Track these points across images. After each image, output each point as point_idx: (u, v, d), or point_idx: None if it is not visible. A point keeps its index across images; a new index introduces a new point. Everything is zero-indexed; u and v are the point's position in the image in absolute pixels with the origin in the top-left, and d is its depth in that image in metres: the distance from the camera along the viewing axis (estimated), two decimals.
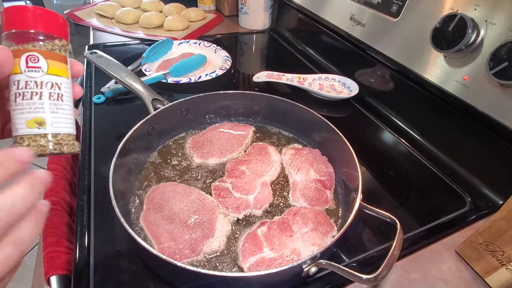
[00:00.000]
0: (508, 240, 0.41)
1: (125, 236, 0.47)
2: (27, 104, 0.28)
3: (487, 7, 0.53)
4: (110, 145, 0.52)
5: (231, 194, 0.53)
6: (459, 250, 0.49)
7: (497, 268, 0.44)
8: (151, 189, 0.53)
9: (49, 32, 0.29)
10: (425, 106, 0.69)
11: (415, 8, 0.66)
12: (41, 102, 0.29)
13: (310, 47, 1.08)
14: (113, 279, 0.43)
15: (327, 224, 0.49)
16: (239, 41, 1.19)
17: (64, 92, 0.30)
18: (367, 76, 0.85)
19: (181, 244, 0.44)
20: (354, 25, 0.82)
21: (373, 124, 0.77)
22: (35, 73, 0.28)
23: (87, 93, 0.78)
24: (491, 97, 0.54)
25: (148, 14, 1.13)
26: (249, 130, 0.67)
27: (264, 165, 0.59)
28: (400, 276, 0.46)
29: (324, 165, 0.59)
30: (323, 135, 0.62)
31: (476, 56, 0.55)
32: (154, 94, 0.63)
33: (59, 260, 0.47)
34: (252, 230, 0.48)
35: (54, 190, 0.57)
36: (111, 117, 0.71)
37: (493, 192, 0.58)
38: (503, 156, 0.56)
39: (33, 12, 0.28)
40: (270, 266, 0.42)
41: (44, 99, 0.29)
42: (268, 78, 0.86)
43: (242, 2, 1.18)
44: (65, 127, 0.30)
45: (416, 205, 0.58)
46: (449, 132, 0.66)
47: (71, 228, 0.54)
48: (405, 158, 0.68)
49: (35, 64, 0.28)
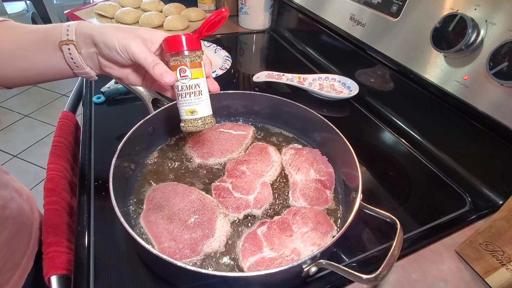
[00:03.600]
0: (508, 240, 0.41)
1: (125, 236, 0.47)
2: (184, 100, 0.45)
3: (487, 7, 0.53)
4: (110, 145, 0.52)
5: (231, 194, 0.53)
6: (459, 250, 0.49)
7: (497, 268, 0.44)
8: (151, 189, 0.53)
9: (191, 49, 0.43)
10: (425, 106, 0.69)
11: (415, 8, 0.66)
12: (190, 98, 0.45)
13: (310, 47, 1.08)
14: (113, 279, 0.43)
15: (327, 224, 0.49)
16: (239, 41, 1.19)
17: (202, 88, 0.45)
18: (367, 76, 0.85)
19: (181, 244, 0.44)
20: (354, 25, 0.82)
21: (373, 124, 0.77)
22: (185, 80, 0.44)
23: (87, 93, 0.78)
24: (491, 97, 0.54)
25: (148, 14, 1.13)
26: (249, 130, 0.67)
27: (264, 165, 0.59)
28: (400, 276, 0.46)
29: (324, 165, 0.59)
30: (323, 135, 0.62)
31: (476, 56, 0.55)
32: (154, 94, 0.63)
33: (59, 260, 0.47)
34: (252, 230, 0.48)
35: (54, 190, 0.57)
36: (111, 117, 0.71)
37: (493, 192, 0.58)
38: (503, 156, 0.56)
39: (181, 38, 0.42)
40: (270, 266, 0.42)
41: (192, 96, 0.45)
42: (268, 78, 0.86)
43: (242, 2, 1.18)
44: (206, 111, 0.46)
45: (416, 205, 0.58)
46: (449, 132, 0.66)
47: (71, 228, 0.54)
48: (405, 158, 0.68)
49: (184, 74, 0.43)
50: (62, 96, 2.62)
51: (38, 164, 2.01)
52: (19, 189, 0.63)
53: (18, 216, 0.58)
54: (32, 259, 0.60)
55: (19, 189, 0.63)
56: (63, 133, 0.69)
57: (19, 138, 2.18)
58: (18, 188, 0.62)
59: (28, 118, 2.36)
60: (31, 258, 0.60)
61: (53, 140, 0.67)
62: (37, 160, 2.03)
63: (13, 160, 2.03)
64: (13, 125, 2.29)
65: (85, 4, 1.28)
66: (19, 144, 2.13)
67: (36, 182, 1.87)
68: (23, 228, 0.59)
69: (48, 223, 0.52)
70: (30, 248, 0.60)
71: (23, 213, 0.60)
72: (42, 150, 2.11)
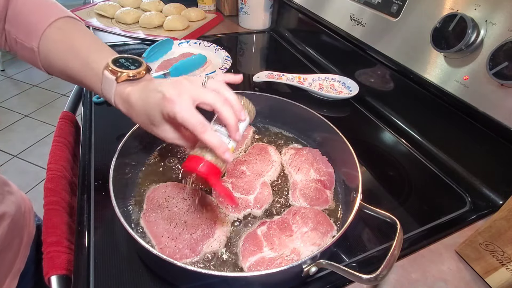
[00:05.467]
0: (508, 240, 0.41)
1: (125, 236, 0.47)
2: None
3: (487, 7, 0.53)
4: (110, 145, 0.52)
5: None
6: (459, 250, 0.49)
7: (497, 268, 0.44)
8: (151, 189, 0.53)
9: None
10: (425, 106, 0.69)
11: (415, 8, 0.66)
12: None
13: (310, 47, 1.08)
14: (113, 279, 0.43)
15: (327, 224, 0.49)
16: (239, 41, 1.19)
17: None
18: (367, 76, 0.85)
19: (181, 244, 0.44)
20: (354, 25, 0.82)
21: (373, 124, 0.77)
22: None
23: (87, 93, 0.78)
24: (491, 97, 0.54)
25: (148, 14, 1.13)
26: (249, 130, 0.67)
27: (264, 165, 0.59)
28: (400, 276, 0.46)
29: (324, 165, 0.59)
30: (323, 135, 0.62)
31: (476, 56, 0.55)
32: None
33: (59, 260, 0.47)
34: (252, 230, 0.48)
35: (54, 190, 0.57)
36: (111, 117, 0.71)
37: (493, 192, 0.58)
38: (503, 156, 0.56)
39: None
40: (270, 266, 0.42)
41: None
42: (268, 78, 0.86)
43: (242, 2, 1.18)
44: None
45: (416, 205, 0.58)
46: (449, 132, 0.66)
47: (71, 228, 0.54)
48: (405, 158, 0.68)
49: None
50: (62, 96, 2.62)
51: (38, 164, 2.01)
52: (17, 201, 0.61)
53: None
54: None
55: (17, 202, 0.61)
56: (63, 133, 0.69)
57: (19, 138, 2.18)
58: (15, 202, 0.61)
59: (28, 118, 2.36)
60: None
61: (53, 140, 0.67)
62: (37, 160, 2.03)
63: (13, 160, 2.03)
64: (13, 125, 2.29)
65: (85, 4, 1.28)
66: (19, 144, 2.13)
67: (36, 182, 1.87)
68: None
69: (48, 223, 0.52)
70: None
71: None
72: (42, 150, 2.11)
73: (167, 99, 0.38)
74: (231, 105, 0.41)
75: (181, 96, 0.39)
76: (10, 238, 0.56)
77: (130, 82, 0.43)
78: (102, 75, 0.44)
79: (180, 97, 0.38)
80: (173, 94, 0.38)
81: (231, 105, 0.41)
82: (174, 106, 0.38)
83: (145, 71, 0.45)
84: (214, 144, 0.39)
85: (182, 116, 0.38)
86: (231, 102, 0.42)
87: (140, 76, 0.44)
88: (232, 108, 0.41)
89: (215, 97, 0.40)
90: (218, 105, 0.40)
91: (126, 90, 0.43)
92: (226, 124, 0.41)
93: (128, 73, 0.43)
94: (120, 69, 0.43)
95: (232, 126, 0.41)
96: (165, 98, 0.39)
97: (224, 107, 0.40)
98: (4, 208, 0.56)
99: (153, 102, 0.40)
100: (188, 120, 0.38)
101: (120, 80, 0.42)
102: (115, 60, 0.44)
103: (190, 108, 0.39)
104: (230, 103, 0.41)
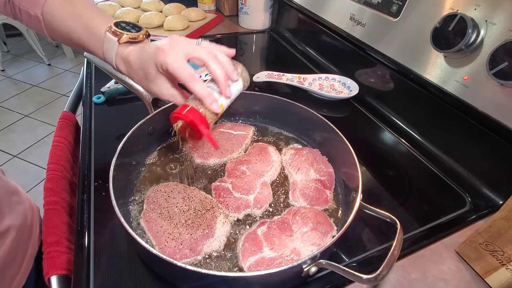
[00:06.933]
0: (508, 240, 0.41)
1: (125, 236, 0.47)
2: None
3: (487, 7, 0.53)
4: (110, 145, 0.52)
5: (231, 194, 0.53)
6: (459, 250, 0.49)
7: (497, 268, 0.44)
8: (151, 189, 0.53)
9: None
10: (425, 106, 0.69)
11: (415, 8, 0.66)
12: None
13: (310, 47, 1.08)
14: (113, 279, 0.43)
15: (327, 224, 0.49)
16: (239, 41, 1.19)
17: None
18: (367, 76, 0.85)
19: (181, 244, 0.44)
20: (354, 25, 0.82)
21: (373, 124, 0.77)
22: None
23: (87, 93, 0.78)
24: (491, 97, 0.54)
25: (148, 14, 1.13)
26: (249, 130, 0.67)
27: (264, 165, 0.59)
28: (400, 276, 0.46)
29: (324, 165, 0.59)
30: (323, 135, 0.62)
31: (476, 56, 0.55)
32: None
33: (59, 260, 0.47)
34: (252, 230, 0.48)
35: (54, 190, 0.57)
36: (111, 117, 0.71)
37: (493, 192, 0.58)
38: (503, 156, 0.56)
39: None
40: (270, 266, 0.42)
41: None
42: (268, 78, 0.86)
43: (242, 2, 1.18)
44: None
45: (416, 205, 0.57)
46: (449, 132, 0.65)
47: (71, 228, 0.54)
48: (405, 158, 0.68)
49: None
50: (62, 96, 2.62)
51: (38, 164, 2.01)
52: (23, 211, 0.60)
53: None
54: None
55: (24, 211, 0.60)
56: (63, 133, 0.69)
57: (19, 138, 2.18)
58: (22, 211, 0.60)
59: (28, 118, 2.36)
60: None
61: (53, 140, 0.67)
62: (37, 160, 2.03)
63: (13, 160, 2.03)
64: (13, 125, 2.29)
65: None
66: (19, 144, 2.13)
67: (36, 182, 1.87)
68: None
69: (48, 223, 0.52)
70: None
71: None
72: (42, 150, 2.11)
73: (160, 49, 0.42)
74: (222, 64, 0.44)
75: (173, 48, 0.42)
76: (13, 253, 0.54)
77: (130, 43, 0.46)
78: (104, 38, 0.46)
79: (172, 49, 0.42)
80: (166, 45, 0.42)
81: (222, 63, 0.44)
82: (166, 56, 0.41)
83: (145, 35, 0.47)
84: (202, 94, 0.42)
85: (173, 67, 0.41)
86: (222, 62, 0.44)
87: (140, 40, 0.46)
88: (223, 66, 0.44)
89: (207, 54, 0.43)
90: (209, 61, 0.43)
91: (126, 50, 0.45)
92: (216, 79, 0.44)
93: (129, 35, 0.45)
94: (122, 31, 0.45)
95: (221, 82, 0.43)
96: (158, 49, 0.42)
97: (215, 63, 0.43)
98: (10, 222, 0.54)
99: (148, 56, 0.43)
100: (178, 70, 0.41)
101: (122, 41, 0.45)
102: (117, 24, 0.46)
103: (181, 60, 0.42)
104: (221, 62, 0.44)
